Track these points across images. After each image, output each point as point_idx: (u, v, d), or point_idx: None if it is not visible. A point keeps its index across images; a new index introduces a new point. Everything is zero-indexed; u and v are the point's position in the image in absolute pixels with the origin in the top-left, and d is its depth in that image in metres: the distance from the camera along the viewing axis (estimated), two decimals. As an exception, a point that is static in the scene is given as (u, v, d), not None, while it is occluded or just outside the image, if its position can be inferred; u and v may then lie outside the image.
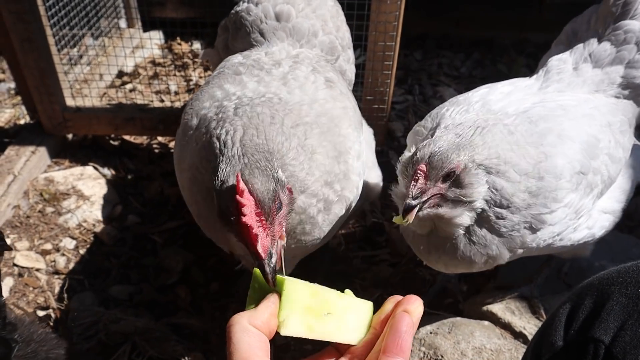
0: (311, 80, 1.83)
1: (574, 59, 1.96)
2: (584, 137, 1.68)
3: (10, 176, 2.79)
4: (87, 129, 3.10)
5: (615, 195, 1.91)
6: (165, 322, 2.27)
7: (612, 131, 1.78)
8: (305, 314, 0.92)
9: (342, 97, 1.88)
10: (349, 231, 2.74)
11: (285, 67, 1.88)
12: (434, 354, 1.89)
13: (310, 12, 2.14)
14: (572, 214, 1.69)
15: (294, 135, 1.56)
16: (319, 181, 1.61)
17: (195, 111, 1.78)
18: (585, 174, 1.66)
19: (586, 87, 1.90)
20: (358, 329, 0.97)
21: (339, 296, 0.98)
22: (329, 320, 0.94)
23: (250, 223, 1.22)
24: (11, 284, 2.41)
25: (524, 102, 1.77)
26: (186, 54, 4.12)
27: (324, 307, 0.94)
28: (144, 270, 2.53)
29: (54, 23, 2.96)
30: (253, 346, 0.81)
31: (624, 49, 1.90)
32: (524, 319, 2.04)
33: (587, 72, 1.92)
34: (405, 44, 4.24)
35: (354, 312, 0.98)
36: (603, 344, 1.00)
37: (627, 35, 1.90)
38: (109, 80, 3.68)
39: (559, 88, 1.88)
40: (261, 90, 1.75)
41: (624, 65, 1.91)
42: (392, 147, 3.24)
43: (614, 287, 1.07)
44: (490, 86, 1.91)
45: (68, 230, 2.69)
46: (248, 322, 0.84)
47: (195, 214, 1.79)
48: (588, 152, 1.67)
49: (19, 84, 3.10)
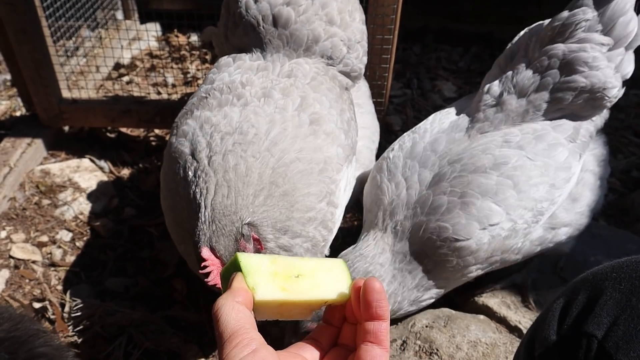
0: (295, 123, 1.77)
1: (500, 91, 1.92)
2: (493, 189, 1.74)
3: (6, 168, 2.78)
4: (84, 121, 3.09)
5: (568, 207, 1.93)
6: (161, 314, 2.27)
7: (535, 165, 1.79)
8: (274, 278, 0.91)
9: (326, 140, 1.81)
10: (346, 224, 2.74)
11: (271, 103, 1.80)
12: (429, 348, 1.90)
13: (312, 15, 1.99)
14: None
15: (272, 183, 1.62)
16: (300, 222, 1.66)
17: (179, 138, 1.80)
18: (499, 224, 1.75)
19: (510, 121, 1.88)
20: (335, 285, 0.94)
21: (304, 259, 0.97)
22: (301, 281, 0.93)
23: (215, 282, 1.43)
24: (7, 276, 2.41)
25: (444, 157, 1.85)
26: (183, 46, 4.10)
27: (291, 270, 0.93)
28: (140, 263, 2.53)
29: (49, 14, 2.94)
30: (240, 320, 0.83)
31: (547, 75, 1.84)
32: (520, 313, 2.05)
33: (512, 104, 1.87)
34: (404, 38, 4.22)
35: (326, 272, 0.96)
36: (596, 338, 1.01)
37: (551, 61, 1.83)
38: (106, 72, 3.66)
39: (482, 128, 1.89)
40: (242, 126, 1.72)
41: (548, 90, 1.85)
42: (390, 140, 3.21)
43: (607, 282, 1.07)
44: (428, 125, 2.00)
45: (64, 222, 2.68)
46: (233, 300, 0.85)
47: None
48: (500, 204, 1.74)
49: (14, 75, 3.09)
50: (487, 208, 1.73)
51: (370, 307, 0.87)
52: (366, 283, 0.89)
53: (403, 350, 1.92)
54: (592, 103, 1.86)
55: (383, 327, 0.88)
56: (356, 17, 2.12)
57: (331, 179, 1.77)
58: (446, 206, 1.75)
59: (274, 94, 1.82)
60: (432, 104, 3.61)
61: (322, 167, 1.75)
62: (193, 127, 1.77)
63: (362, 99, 2.46)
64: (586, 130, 1.90)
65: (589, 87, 1.81)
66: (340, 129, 1.89)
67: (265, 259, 0.94)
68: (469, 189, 1.74)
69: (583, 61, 1.79)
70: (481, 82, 2.08)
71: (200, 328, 2.25)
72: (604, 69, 1.80)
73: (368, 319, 0.88)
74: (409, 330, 1.99)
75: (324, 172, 1.75)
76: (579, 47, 1.79)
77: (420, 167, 1.86)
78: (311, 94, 1.88)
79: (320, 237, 1.74)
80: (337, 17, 2.03)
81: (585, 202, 1.94)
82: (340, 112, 1.95)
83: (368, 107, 2.49)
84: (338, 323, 0.97)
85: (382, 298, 0.88)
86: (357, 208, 2.79)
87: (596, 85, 1.81)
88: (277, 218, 1.61)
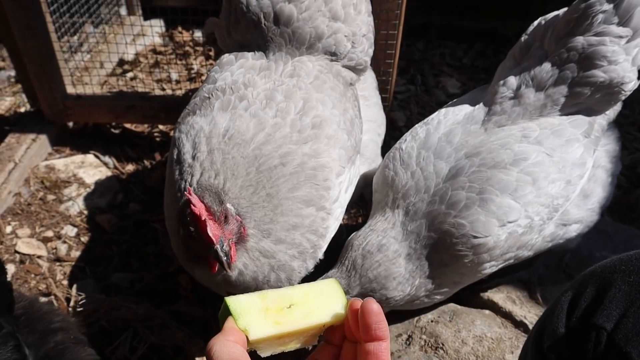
0: (297, 127, 1.77)
1: (518, 83, 1.89)
2: (513, 185, 1.72)
3: (11, 163, 2.79)
4: (88, 117, 3.10)
5: (580, 203, 1.92)
6: (166, 309, 2.28)
7: (553, 162, 1.77)
8: (265, 314, 0.91)
9: (327, 143, 1.80)
10: (351, 219, 2.74)
11: (273, 106, 1.79)
12: (434, 342, 1.90)
13: (315, 11, 1.95)
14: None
15: (258, 182, 1.63)
16: (284, 227, 1.64)
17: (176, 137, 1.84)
18: (517, 220, 1.73)
19: (527, 115, 1.85)
20: (330, 307, 0.94)
21: (294, 288, 0.96)
22: (294, 310, 0.92)
23: (199, 212, 1.42)
24: (13, 271, 2.41)
25: (461, 149, 1.82)
26: (187, 42, 4.10)
27: (282, 302, 0.92)
28: (145, 258, 2.53)
29: (53, 10, 2.94)
30: (233, 354, 0.83)
31: (566, 68, 1.82)
32: (525, 308, 2.05)
33: (530, 98, 1.85)
34: (408, 34, 4.21)
35: (318, 295, 0.95)
36: (605, 331, 1.01)
37: (570, 54, 1.80)
38: (110, 68, 3.67)
39: (499, 122, 1.86)
40: (229, 131, 1.73)
41: (567, 84, 1.83)
42: (394, 136, 3.22)
43: (616, 275, 1.07)
44: (441, 117, 1.97)
45: (69, 217, 2.69)
46: (225, 339, 0.86)
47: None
48: (518, 201, 1.73)
49: (19, 71, 3.09)
50: (506, 205, 1.70)
51: (369, 330, 0.86)
52: (364, 306, 0.88)
53: (408, 345, 1.92)
54: (608, 97, 1.85)
55: (383, 347, 0.87)
56: (362, 9, 2.07)
57: (322, 185, 1.74)
58: (465, 202, 1.72)
59: (277, 96, 1.81)
60: (436, 100, 3.60)
61: (311, 173, 1.72)
62: (189, 128, 1.78)
63: (368, 90, 2.44)
64: (599, 125, 1.89)
65: (608, 81, 1.79)
66: (342, 130, 1.88)
67: (255, 296, 0.93)
68: (488, 185, 1.71)
69: (602, 55, 1.76)
70: (485, 78, 2.08)
71: (205, 323, 2.26)
72: (622, 63, 1.77)
73: (368, 340, 0.87)
74: (414, 325, 1.99)
75: (314, 178, 1.73)
76: (598, 41, 1.77)
77: (436, 158, 1.83)
78: (314, 95, 1.86)
79: (307, 245, 1.71)
80: (342, 12, 1.99)
81: (596, 198, 1.93)
82: (344, 111, 1.93)
83: (374, 99, 2.47)
84: (338, 342, 0.96)
85: (380, 320, 0.87)
86: (361, 203, 2.79)
87: (615, 80, 1.79)
88: (261, 218, 1.60)
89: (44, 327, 1.52)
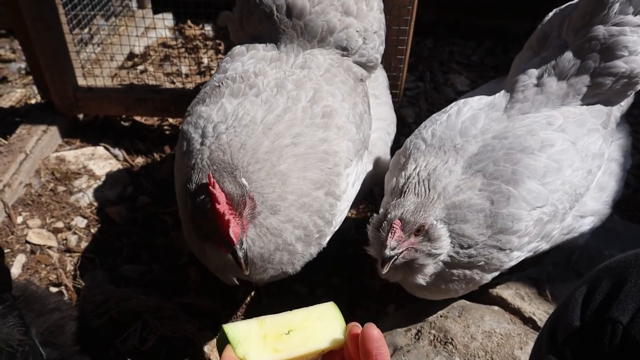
0: (308, 114, 1.77)
1: (540, 72, 1.89)
2: (541, 171, 1.71)
3: (22, 154, 2.81)
4: (98, 109, 3.11)
5: (596, 196, 1.92)
6: (175, 301, 2.29)
7: (577, 150, 1.77)
8: (264, 341, 0.91)
9: (337, 133, 1.80)
10: (359, 215, 2.75)
11: (284, 94, 1.79)
12: (444, 337, 1.90)
13: (327, 5, 1.95)
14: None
15: (266, 160, 1.63)
16: (293, 205, 1.64)
17: (185, 126, 1.84)
18: (543, 207, 1.72)
19: (550, 103, 1.86)
20: (328, 332, 0.94)
21: (293, 313, 0.96)
22: (293, 337, 0.92)
23: (223, 210, 1.39)
24: (24, 261, 2.43)
25: (487, 132, 1.82)
26: (197, 36, 4.11)
27: (281, 328, 0.93)
28: (154, 250, 2.55)
29: (65, 2, 2.95)
30: None
31: (588, 58, 1.82)
32: (534, 304, 2.05)
33: (552, 87, 1.86)
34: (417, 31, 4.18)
35: (317, 320, 0.95)
36: (621, 324, 1.01)
37: (592, 44, 1.80)
38: (120, 61, 3.68)
39: (523, 109, 1.86)
40: (238, 114, 1.73)
41: (589, 74, 1.83)
42: (403, 133, 3.23)
43: (631, 270, 1.07)
44: (460, 105, 1.96)
45: (79, 209, 2.71)
46: None
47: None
48: (546, 187, 1.72)
49: (30, 63, 3.11)
50: (535, 190, 1.69)
51: (370, 356, 0.86)
52: (364, 332, 0.87)
53: (418, 340, 1.93)
54: (626, 88, 1.85)
55: None
56: (374, 5, 2.08)
57: (333, 170, 1.74)
58: (507, 177, 1.70)
59: (287, 84, 1.82)
60: (445, 97, 3.60)
61: (322, 156, 1.73)
62: (196, 118, 1.78)
63: (378, 89, 2.44)
64: (614, 117, 1.90)
65: (629, 72, 1.80)
66: (352, 123, 1.88)
67: (253, 322, 0.93)
68: (520, 167, 1.70)
69: (623, 45, 1.76)
70: (494, 76, 2.08)
71: (215, 315, 2.27)
72: None
73: None
74: (423, 320, 2.00)
75: (325, 162, 1.73)
76: (619, 31, 1.77)
77: (462, 137, 1.82)
78: (324, 87, 1.87)
79: (313, 227, 1.71)
80: (354, 7, 1.99)
81: (610, 191, 1.93)
82: (353, 105, 1.94)
83: (385, 98, 2.47)
84: None
85: (381, 345, 0.87)
86: (370, 199, 2.80)
87: (635, 71, 1.79)
88: (268, 195, 1.58)
89: (41, 307, 1.62)
